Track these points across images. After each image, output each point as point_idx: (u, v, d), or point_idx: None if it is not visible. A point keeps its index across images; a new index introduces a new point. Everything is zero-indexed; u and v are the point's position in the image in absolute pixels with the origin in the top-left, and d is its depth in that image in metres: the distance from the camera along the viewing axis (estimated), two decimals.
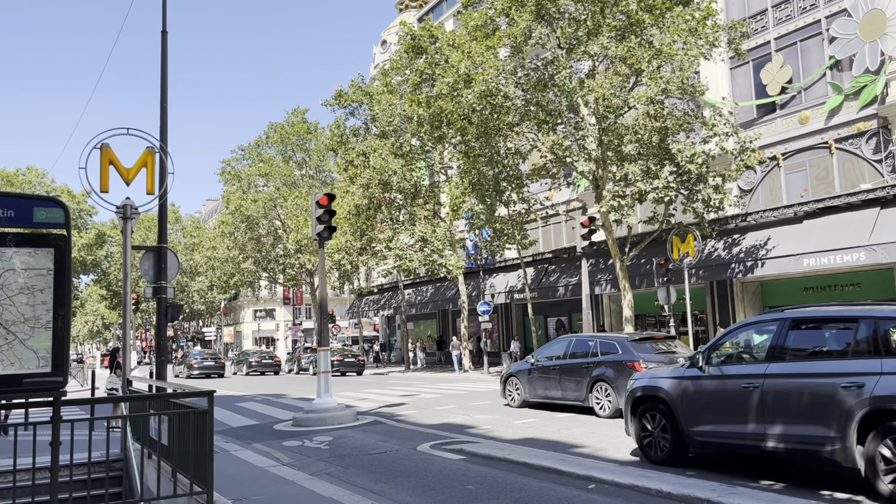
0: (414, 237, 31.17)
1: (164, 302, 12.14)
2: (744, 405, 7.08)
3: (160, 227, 12.24)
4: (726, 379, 7.42)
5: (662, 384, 8.18)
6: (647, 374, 8.77)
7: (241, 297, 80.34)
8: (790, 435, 6.67)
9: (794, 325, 7.04)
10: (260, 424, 14.09)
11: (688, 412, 7.75)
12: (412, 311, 42.17)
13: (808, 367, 6.78)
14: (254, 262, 46.58)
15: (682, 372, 8.01)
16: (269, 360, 40.79)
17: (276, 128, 47.19)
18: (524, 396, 15.36)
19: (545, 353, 15.52)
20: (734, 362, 7.63)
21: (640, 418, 8.42)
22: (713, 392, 7.53)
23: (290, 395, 20.90)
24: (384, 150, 31.13)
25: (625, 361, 13.07)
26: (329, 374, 13.82)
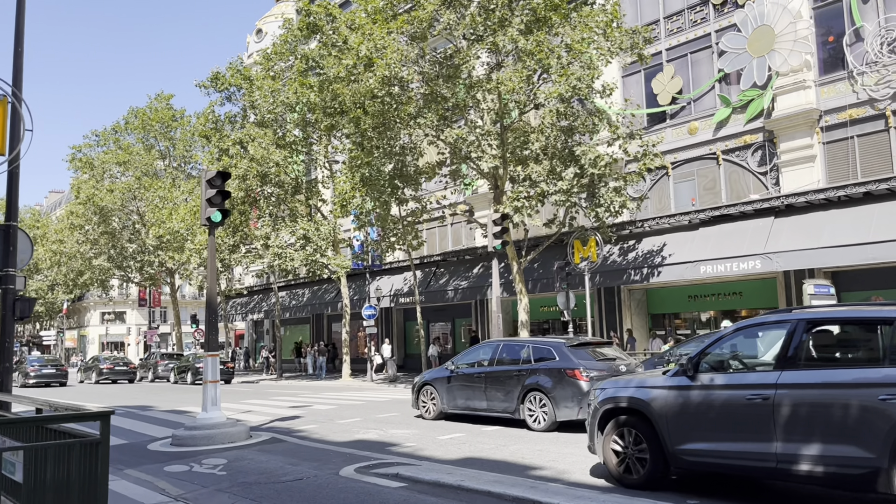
0: (295, 235, 29.01)
1: (12, 294, 9.68)
2: (749, 419, 6.15)
3: (9, 199, 9.78)
4: (725, 389, 6.44)
5: (640, 395, 7.09)
6: (618, 383, 7.59)
7: (87, 297, 73.59)
8: (811, 455, 5.75)
9: (810, 327, 6.18)
10: (130, 444, 11.77)
11: (674, 428, 6.70)
12: (286, 315, 39.68)
13: (833, 376, 5.86)
14: (107, 259, 42.16)
15: (664, 381, 6.96)
16: (123, 367, 37.42)
17: (136, 113, 43.22)
18: (441, 407, 13.89)
19: (467, 360, 14.05)
20: (733, 370, 6.69)
21: (612, 434, 7.30)
22: (708, 404, 6.51)
23: (159, 408, 18.28)
24: (265, 140, 28.78)
25: (563, 369, 11.98)
26: (218, 384, 11.76)
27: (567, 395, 11.74)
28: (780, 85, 22.54)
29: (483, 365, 13.43)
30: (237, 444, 11.12)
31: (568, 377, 11.81)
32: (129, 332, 72.60)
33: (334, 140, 30.72)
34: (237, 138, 29.53)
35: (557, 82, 19.42)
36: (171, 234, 35.84)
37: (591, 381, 11.54)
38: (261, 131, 29.24)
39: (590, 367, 11.95)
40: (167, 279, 44.39)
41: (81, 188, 41.31)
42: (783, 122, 22.28)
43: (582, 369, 11.84)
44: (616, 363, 12.51)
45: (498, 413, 12.76)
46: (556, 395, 11.80)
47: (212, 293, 11.94)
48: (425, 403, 14.22)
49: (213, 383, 11.66)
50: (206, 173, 11.85)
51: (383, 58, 19.93)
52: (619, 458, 7.23)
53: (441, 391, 13.91)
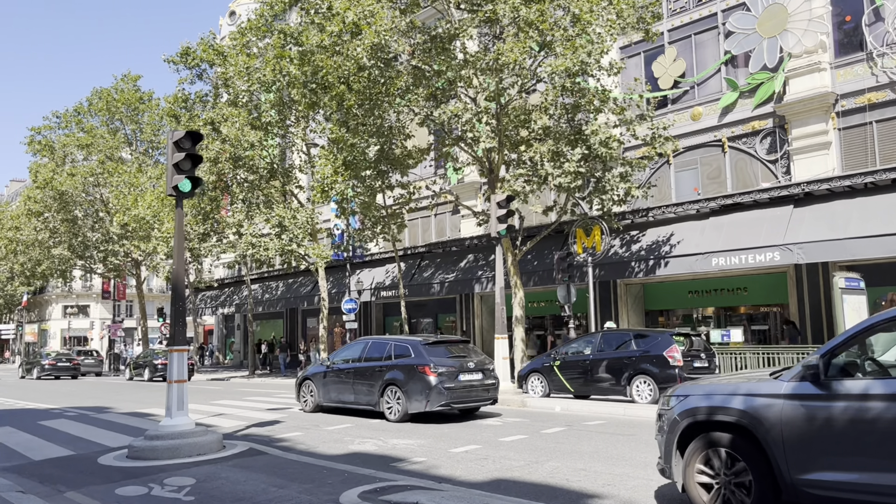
0: (270, 223, 27.02)
1: None
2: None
3: None
4: (879, 401, 4.83)
5: (743, 405, 5.45)
6: (707, 389, 5.89)
7: (48, 290, 70.48)
8: None
9: None
10: (76, 456, 9.85)
11: (797, 451, 5.11)
12: (258, 308, 37.60)
13: None
14: (67, 248, 39.64)
15: (780, 387, 5.33)
16: (66, 363, 36.12)
17: (101, 94, 40.74)
18: (318, 401, 14.85)
19: (342, 356, 15.07)
20: (882, 375, 5.09)
21: (698, 457, 5.67)
22: (851, 421, 4.92)
23: (117, 409, 16.27)
24: (239, 120, 26.75)
25: (416, 365, 12.96)
26: (185, 385, 9.89)
27: (417, 390, 12.75)
28: (793, 67, 21.18)
29: (354, 361, 14.42)
30: (208, 456, 9.28)
31: (419, 373, 12.77)
32: (93, 326, 69.60)
33: (312, 123, 28.84)
34: (208, 118, 27.47)
35: (563, 55, 17.80)
36: (137, 221, 33.64)
37: (439, 377, 12.74)
38: (234, 111, 27.23)
39: (439, 364, 12.84)
40: (133, 271, 42.01)
41: (40, 172, 38.76)
42: (796, 107, 20.93)
43: (432, 366, 12.75)
44: (466, 360, 13.47)
45: (363, 406, 13.70)
46: (408, 389, 12.80)
47: (178, 277, 10.07)
48: (305, 397, 15.14)
49: (178, 384, 9.80)
50: (174, 134, 9.97)
51: (372, 24, 18.12)
52: (711, 489, 5.61)
53: (318, 386, 14.85)
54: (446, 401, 12.73)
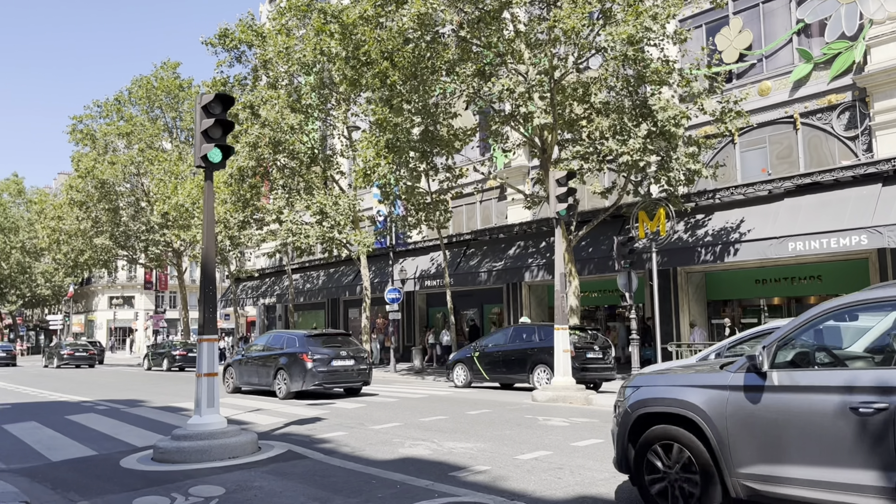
0: (311, 209, 26.07)
1: None
2: (857, 437, 4.37)
3: None
4: (818, 393, 4.60)
5: (689, 396, 5.24)
6: (658, 381, 5.66)
7: (94, 281, 71.20)
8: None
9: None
10: (98, 458, 8.86)
11: (739, 444, 4.92)
12: (300, 299, 36.84)
13: None
14: (110, 238, 39.41)
15: (724, 378, 5.11)
16: (84, 353, 38.10)
17: (140, 82, 40.38)
18: (236, 384, 17.96)
19: (254, 346, 18.36)
20: (832, 366, 4.92)
21: (648, 450, 5.45)
22: (790, 413, 4.70)
23: (151, 404, 15.39)
24: (279, 102, 25.82)
25: (298, 353, 15.91)
26: (216, 379, 8.81)
27: (297, 373, 15.74)
28: (875, 35, 19.35)
29: (259, 350, 17.56)
30: (241, 460, 8.19)
31: (300, 359, 15.76)
32: (137, 316, 69.99)
33: (354, 106, 27.79)
34: (247, 101, 26.60)
35: (625, 21, 16.32)
36: (177, 210, 33.09)
37: (314, 363, 15.70)
38: (274, 93, 26.32)
39: (315, 352, 15.85)
40: (174, 261, 41.69)
41: (81, 161, 38.60)
42: (878, 78, 19.11)
43: (309, 353, 15.79)
44: (340, 350, 16.39)
45: (264, 386, 16.70)
46: (291, 372, 15.80)
47: (208, 258, 8.97)
48: (227, 381, 18.19)
49: (209, 377, 8.72)
50: (202, 97, 8.87)
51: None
52: (658, 483, 5.38)
53: (236, 371, 18.06)
54: (319, 381, 15.74)
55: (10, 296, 76.14)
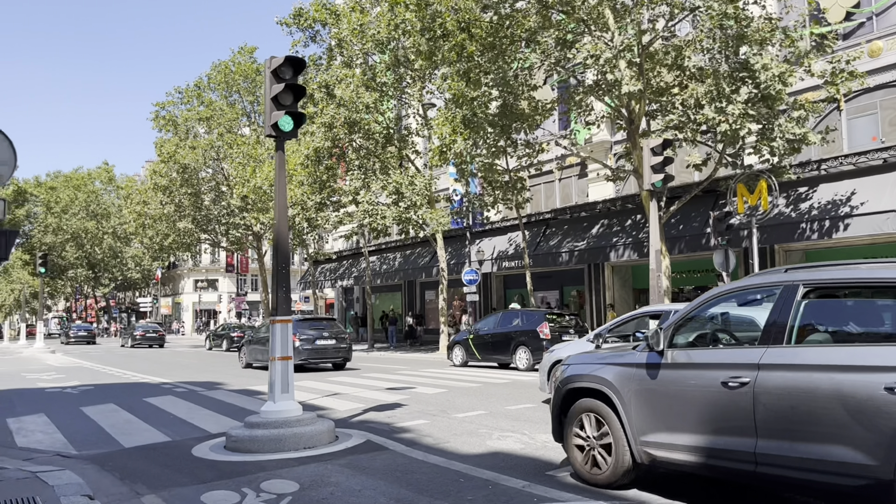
0: (387, 189, 25.59)
1: None
2: (725, 408, 4.81)
3: None
4: (699, 369, 5.11)
5: (604, 372, 5.89)
6: (583, 359, 6.36)
7: (180, 265, 73.54)
8: (791, 457, 4.39)
9: (808, 292, 4.70)
10: (171, 444, 8.48)
11: (639, 415, 5.49)
12: (377, 281, 36.63)
13: (825, 355, 4.42)
14: (192, 222, 40.20)
15: (633, 357, 5.70)
16: (153, 334, 41.10)
17: (219, 67, 40.79)
18: (247, 361, 21.20)
19: (260, 331, 21.18)
20: (712, 345, 5.45)
21: (574, 421, 6.10)
22: (678, 387, 5.21)
23: (228, 386, 15.17)
24: (354, 81, 25.37)
25: None
26: (290, 363, 8.28)
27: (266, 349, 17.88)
28: None
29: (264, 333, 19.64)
30: (316, 450, 7.61)
31: None
32: (221, 299, 71.91)
33: (429, 84, 27.09)
34: (322, 81, 26.26)
35: None
36: (255, 193, 33.27)
37: (301, 342, 18.65)
38: (349, 72, 25.87)
39: (302, 333, 18.88)
40: (253, 244, 42.20)
41: (164, 147, 39.40)
42: None
43: (298, 334, 18.60)
44: (323, 331, 19.52)
45: (264, 362, 18.50)
46: None
47: (281, 234, 8.41)
48: (241, 358, 21.83)
49: (282, 361, 8.18)
50: (272, 61, 8.27)
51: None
52: (583, 450, 6.01)
53: (246, 351, 21.42)
54: (305, 358, 18.72)
55: (103, 279, 79.66)
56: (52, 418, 10.65)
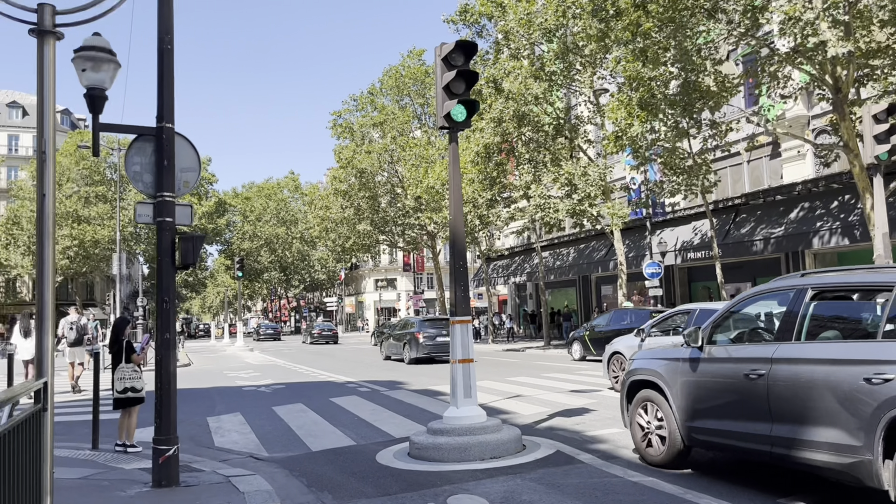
0: (559, 182, 24.77)
1: (171, 232, 6.52)
2: (748, 397, 5.51)
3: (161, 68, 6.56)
4: (729, 363, 5.81)
5: (657, 366, 6.62)
6: (645, 354, 7.12)
7: (361, 266, 77.06)
8: (797, 439, 5.07)
9: (815, 295, 5.35)
10: (355, 448, 8.34)
11: (684, 403, 6.17)
12: (550, 277, 35.81)
13: (822, 350, 5.08)
14: (370, 224, 41.73)
15: (679, 352, 6.37)
16: (329, 332, 46.35)
17: (390, 73, 41.93)
18: (386, 353, 25.51)
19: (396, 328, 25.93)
20: (741, 341, 6.09)
21: (637, 408, 6.85)
22: (713, 379, 5.93)
23: (409, 386, 15.15)
24: (522, 73, 24.80)
25: (415, 332, 22.82)
26: (472, 366, 7.82)
27: (413, 345, 22.58)
28: None
29: (396, 329, 25.32)
30: (503, 461, 7.08)
31: (415, 336, 22.61)
32: (399, 297, 74.40)
33: (600, 69, 25.89)
34: (489, 76, 25.96)
35: None
36: (428, 192, 33.75)
37: (424, 338, 22.31)
38: (516, 63, 25.35)
39: (424, 332, 22.50)
40: (428, 243, 43.04)
41: (342, 153, 41.19)
42: None
43: (421, 333, 22.49)
44: (443, 329, 22.04)
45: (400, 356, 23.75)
46: (409, 344, 22.83)
47: (456, 229, 7.97)
48: (381, 351, 25.91)
49: (464, 364, 7.74)
50: (442, 48, 7.85)
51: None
52: (643, 434, 6.77)
53: (385, 345, 25.88)
54: (427, 352, 22.12)
55: (293, 281, 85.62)
56: (246, 418, 11.03)
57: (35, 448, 4.07)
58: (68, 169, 56.68)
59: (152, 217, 6.57)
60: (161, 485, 6.33)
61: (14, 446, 3.52)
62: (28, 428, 3.91)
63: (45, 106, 4.66)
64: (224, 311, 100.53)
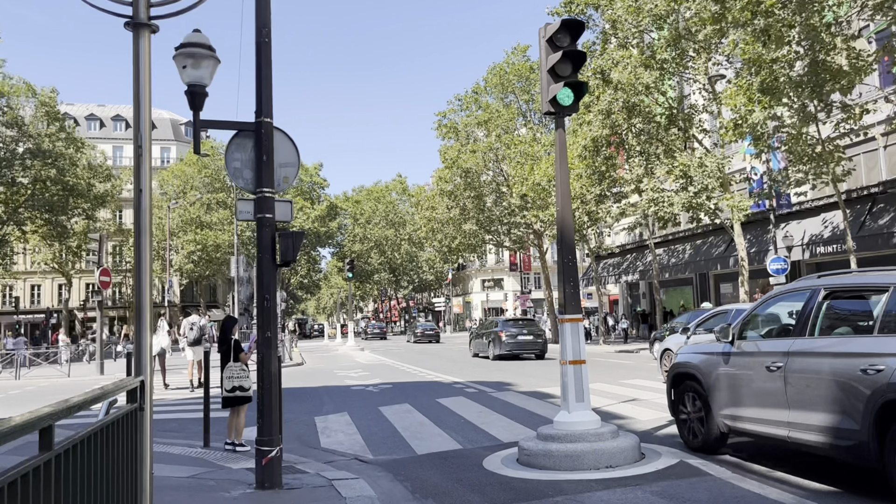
0: (673, 174, 23.57)
1: (271, 228, 6.40)
2: (769, 387, 6.14)
3: (259, 61, 6.47)
4: (754, 356, 6.47)
5: (696, 360, 7.37)
6: (686, 349, 8.27)
7: (468, 266, 77.26)
8: (809, 424, 5.65)
9: (827, 295, 5.93)
10: (461, 453, 8.00)
11: (719, 393, 6.86)
12: (664, 275, 34.31)
13: (829, 345, 5.69)
14: (476, 223, 41.51)
15: (714, 347, 7.08)
16: (430, 331, 49.76)
17: (494, 70, 41.58)
18: (473, 351, 27.71)
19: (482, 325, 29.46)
20: (766, 337, 6.72)
21: (679, 398, 7.62)
22: (742, 371, 6.62)
23: (517, 388, 14.67)
24: (631, 62, 23.79)
25: (497, 331, 24.75)
26: (584, 367, 7.29)
27: (497, 343, 24.39)
28: None
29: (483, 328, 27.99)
30: (620, 471, 6.52)
31: (498, 335, 24.33)
32: (506, 297, 73.97)
33: (716, 55, 24.45)
34: (597, 67, 25.08)
35: None
36: (534, 190, 33.13)
37: (506, 336, 24.17)
38: (625, 53, 24.35)
39: (506, 331, 24.47)
40: (534, 242, 42.37)
41: (447, 153, 41.22)
42: None
43: (503, 332, 24.35)
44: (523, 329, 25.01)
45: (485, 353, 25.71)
46: (493, 342, 24.87)
47: (565, 220, 7.46)
48: (470, 349, 28.12)
49: (575, 366, 7.23)
50: (546, 28, 7.37)
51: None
52: (685, 422, 7.47)
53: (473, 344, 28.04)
54: (508, 350, 23.84)
55: (402, 282, 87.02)
56: (353, 418, 10.94)
57: (131, 447, 3.96)
58: (192, 178, 60.16)
59: (253, 214, 6.48)
60: (264, 486, 6.22)
61: (109, 444, 3.39)
62: (124, 426, 3.80)
63: (141, 100, 4.59)
64: (337, 312, 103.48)
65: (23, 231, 46.32)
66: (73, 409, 2.79)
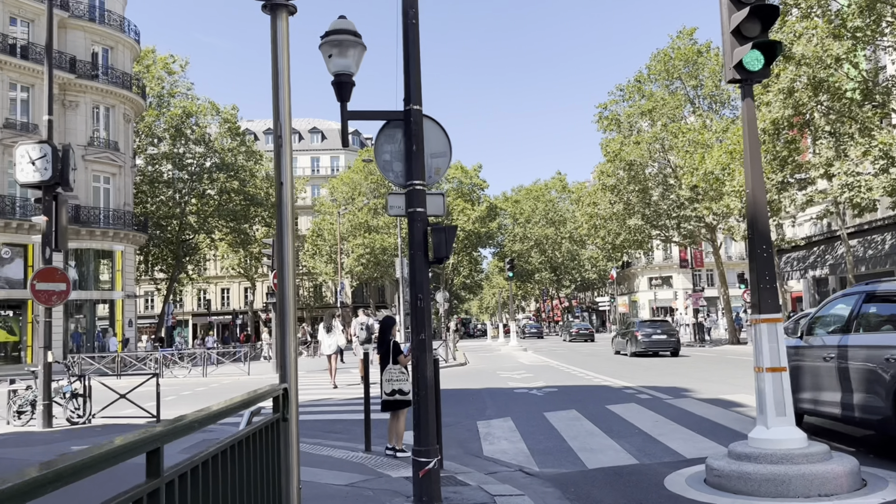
0: (871, 155, 20.87)
1: (423, 222, 5.96)
2: (826, 375, 7.56)
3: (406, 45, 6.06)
4: (815, 349, 7.86)
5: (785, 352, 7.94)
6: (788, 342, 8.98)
7: (633, 264, 74.44)
8: (851, 404, 7.05)
9: (868, 298, 7.40)
10: (637, 469, 7.14)
11: (793, 381, 6.97)
12: (860, 269, 30.69)
13: (865, 339, 7.07)
14: (641, 218, 39.53)
15: (790, 342, 7.95)
16: (585, 331, 51.83)
17: (658, 56, 39.44)
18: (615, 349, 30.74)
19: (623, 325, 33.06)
20: (826, 333, 7.90)
21: None
22: (807, 362, 8.02)
23: (696, 394, 13.38)
24: (817, 33, 21.37)
25: (634, 331, 27.59)
26: (785, 374, 6.20)
27: (634, 342, 27.24)
28: None
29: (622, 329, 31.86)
30: (838, 501, 5.42)
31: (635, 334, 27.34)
32: (676, 296, 70.29)
33: None
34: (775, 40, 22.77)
35: None
36: (706, 180, 30.90)
37: (642, 336, 26.91)
38: (809, 23, 21.92)
39: (641, 330, 27.29)
40: (707, 236, 39.68)
41: (609, 146, 39.64)
42: None
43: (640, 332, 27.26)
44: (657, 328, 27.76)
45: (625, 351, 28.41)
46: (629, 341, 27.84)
47: (757, 203, 6.40)
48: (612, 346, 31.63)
49: (773, 374, 6.16)
50: None
51: None
52: None
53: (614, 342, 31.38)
54: (643, 348, 26.62)
55: (564, 281, 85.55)
56: (516, 423, 10.36)
57: (272, 461, 3.61)
58: (359, 184, 62.84)
59: (403, 208, 6.09)
60: (422, 500, 5.77)
61: (241, 461, 3.02)
62: (263, 439, 3.45)
63: (280, 84, 4.28)
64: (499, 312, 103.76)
65: (212, 239, 50.72)
66: (184, 430, 2.39)
